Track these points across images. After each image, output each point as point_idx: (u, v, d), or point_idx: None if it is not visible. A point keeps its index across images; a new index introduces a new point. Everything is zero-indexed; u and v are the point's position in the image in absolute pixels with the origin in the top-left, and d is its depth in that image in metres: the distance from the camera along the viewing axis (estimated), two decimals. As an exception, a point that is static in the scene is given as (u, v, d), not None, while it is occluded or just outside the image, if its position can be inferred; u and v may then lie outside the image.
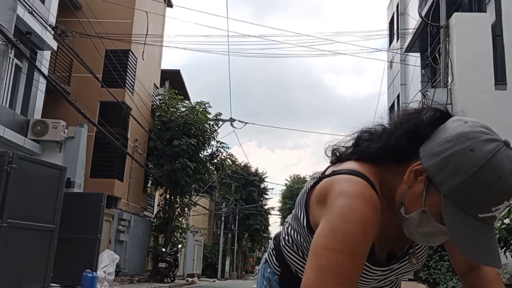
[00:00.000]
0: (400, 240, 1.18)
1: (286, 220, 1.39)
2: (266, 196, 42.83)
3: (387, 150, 1.08)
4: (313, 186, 1.15)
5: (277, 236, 1.43)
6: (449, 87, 11.87)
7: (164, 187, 22.07)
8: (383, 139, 1.10)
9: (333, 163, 1.20)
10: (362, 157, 1.12)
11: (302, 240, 1.23)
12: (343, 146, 1.20)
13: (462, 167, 0.94)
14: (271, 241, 1.49)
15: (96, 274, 11.20)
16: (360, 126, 1.19)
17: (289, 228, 1.32)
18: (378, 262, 1.14)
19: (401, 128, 1.07)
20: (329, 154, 1.23)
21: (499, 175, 0.92)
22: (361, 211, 0.99)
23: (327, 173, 1.14)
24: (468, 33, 12.18)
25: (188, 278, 23.18)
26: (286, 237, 1.33)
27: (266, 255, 1.48)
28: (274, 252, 1.41)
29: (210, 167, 23.66)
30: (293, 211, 1.30)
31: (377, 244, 1.14)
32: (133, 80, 19.61)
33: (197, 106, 22.32)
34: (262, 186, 41.80)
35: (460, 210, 0.95)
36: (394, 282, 1.34)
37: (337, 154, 1.20)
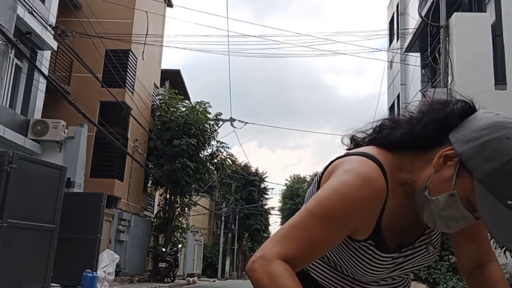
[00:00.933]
0: (410, 231, 1.18)
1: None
2: (266, 196, 42.87)
3: (412, 135, 1.09)
4: (325, 170, 1.16)
5: None
6: (449, 87, 11.87)
7: (164, 187, 22.07)
8: (410, 126, 1.11)
9: (350, 149, 1.21)
10: (382, 143, 1.13)
11: None
12: (363, 132, 1.21)
13: (499, 154, 0.97)
14: None
15: (96, 274, 11.21)
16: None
17: None
18: (386, 249, 1.14)
19: (430, 115, 1.09)
20: (346, 142, 1.25)
21: None
22: (356, 191, 1.01)
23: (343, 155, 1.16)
24: (468, 33, 12.18)
25: (189, 278, 23.19)
26: None
27: None
28: None
29: (210, 167, 23.65)
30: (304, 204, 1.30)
31: (387, 232, 1.13)
32: (133, 80, 19.61)
33: (197, 106, 22.32)
34: (262, 186, 41.81)
35: (491, 195, 0.97)
36: (406, 281, 1.31)
37: (356, 138, 1.22)
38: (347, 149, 1.22)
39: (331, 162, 1.16)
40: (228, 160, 24.83)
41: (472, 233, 1.26)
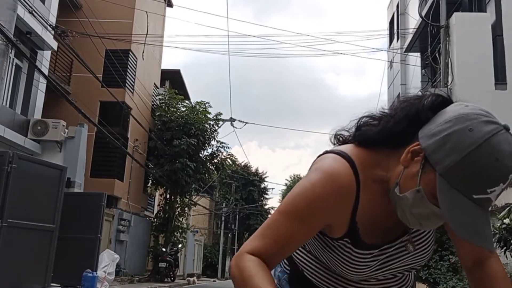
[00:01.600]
0: (394, 230, 1.18)
1: None
2: (266, 196, 42.89)
3: (385, 132, 1.10)
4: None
5: None
6: (449, 87, 11.87)
7: (164, 187, 22.07)
8: (382, 123, 1.11)
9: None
10: (359, 141, 1.15)
11: None
12: (346, 130, 1.22)
13: (460, 146, 0.94)
14: None
15: (96, 274, 11.21)
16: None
17: None
18: (364, 246, 1.14)
19: (402, 111, 1.09)
20: (333, 140, 1.26)
21: (496, 156, 0.92)
22: (319, 188, 1.06)
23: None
24: (468, 33, 12.18)
25: (189, 278, 23.20)
26: None
27: None
28: None
29: (210, 167, 23.65)
30: None
31: (367, 230, 1.14)
32: (133, 80, 19.61)
33: (197, 106, 22.32)
34: (262, 186, 41.82)
35: (454, 189, 0.95)
36: (403, 279, 1.30)
37: (340, 139, 1.23)
38: (334, 145, 1.25)
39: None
40: (228, 160, 24.83)
41: None
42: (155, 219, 22.34)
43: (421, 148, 1.01)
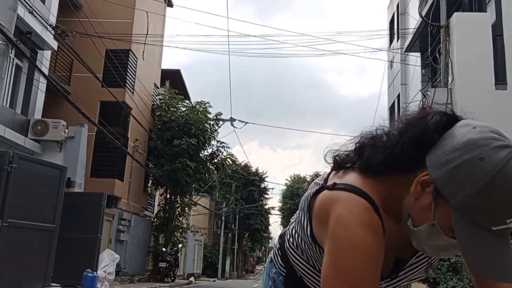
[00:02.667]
0: (408, 246, 1.13)
1: (291, 220, 1.34)
2: (267, 196, 42.89)
3: (392, 159, 1.02)
4: (315, 194, 1.12)
5: (283, 235, 1.38)
6: (449, 86, 11.86)
7: (165, 187, 22.08)
8: (388, 148, 1.04)
9: (334, 169, 1.16)
10: (365, 168, 1.07)
11: (306, 247, 1.20)
12: (344, 153, 1.15)
13: (473, 178, 0.89)
14: (277, 240, 1.45)
15: (96, 273, 11.20)
16: (361, 129, 1.14)
17: (293, 231, 1.27)
18: (382, 276, 1.10)
19: (407, 135, 1.02)
20: (329, 159, 1.18)
21: None
22: (362, 240, 0.96)
23: (329, 183, 1.10)
24: (468, 32, 12.17)
25: (191, 279, 23.24)
26: (291, 239, 1.29)
27: (271, 254, 1.43)
28: (279, 252, 1.37)
29: (211, 166, 23.65)
30: (296, 214, 1.27)
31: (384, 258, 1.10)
32: (133, 80, 19.61)
33: (198, 106, 22.33)
34: (263, 185, 41.82)
35: (472, 223, 0.90)
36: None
37: (338, 160, 1.15)
38: (332, 169, 1.17)
39: (320, 188, 1.11)
40: (228, 160, 24.84)
41: None
42: (155, 219, 22.34)
43: (431, 179, 0.95)
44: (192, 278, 23.90)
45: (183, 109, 22.26)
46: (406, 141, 1.01)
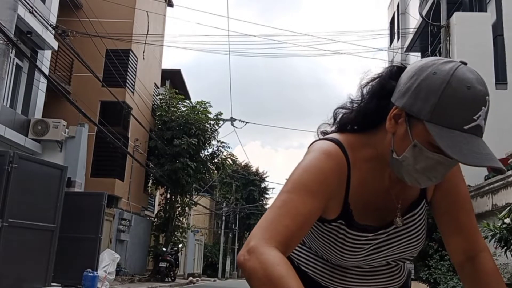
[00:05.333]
0: (386, 214, 1.20)
1: None
2: (267, 196, 42.89)
3: (361, 115, 1.16)
4: None
5: None
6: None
7: (165, 187, 22.08)
8: (355, 107, 1.19)
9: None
10: (341, 128, 1.21)
11: None
12: (328, 124, 1.28)
13: (432, 89, 1.01)
14: None
15: (96, 273, 11.21)
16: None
17: None
18: (358, 228, 1.18)
19: (367, 92, 1.17)
20: (320, 136, 1.30)
21: (467, 85, 0.99)
22: (318, 161, 1.10)
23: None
24: (468, 32, 12.17)
25: (192, 279, 23.25)
26: None
27: None
28: None
29: (211, 166, 23.65)
30: None
31: (359, 212, 1.17)
32: (133, 80, 19.61)
33: (198, 106, 22.34)
34: (263, 185, 41.83)
35: (445, 128, 1.00)
36: (396, 269, 1.31)
37: (324, 133, 1.28)
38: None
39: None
40: (229, 159, 24.83)
41: (458, 224, 1.25)
42: (156, 219, 22.34)
43: (400, 108, 1.07)
44: (194, 278, 23.93)
45: (184, 109, 22.26)
46: (369, 97, 1.16)
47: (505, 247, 5.86)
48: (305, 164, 1.11)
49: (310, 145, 1.21)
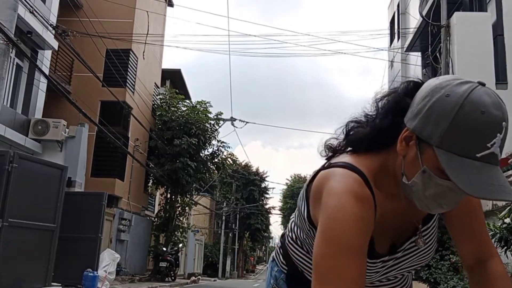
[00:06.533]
0: (403, 230, 1.18)
1: (291, 217, 1.38)
2: (267, 196, 42.90)
3: (376, 132, 1.10)
4: (312, 179, 1.16)
5: (284, 234, 1.42)
6: (450, 86, 11.85)
7: (165, 187, 22.08)
8: (370, 124, 1.12)
9: (328, 156, 1.22)
10: (355, 147, 1.14)
11: (304, 236, 1.23)
12: (335, 138, 1.22)
13: (444, 113, 0.94)
14: (278, 239, 1.49)
15: (97, 273, 11.21)
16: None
17: (293, 224, 1.32)
18: (376, 255, 1.14)
19: (383, 107, 1.11)
20: (323, 152, 1.24)
21: (482, 109, 0.92)
22: (350, 208, 1.00)
23: (326, 166, 1.15)
24: (469, 32, 12.16)
25: (195, 278, 23.25)
26: (290, 234, 1.33)
27: (273, 253, 1.46)
28: (281, 250, 1.40)
29: (211, 166, 23.66)
30: (297, 207, 1.30)
31: (377, 236, 1.13)
32: (134, 80, 19.61)
33: (198, 106, 22.34)
34: (263, 185, 41.82)
35: (456, 155, 0.93)
36: (402, 279, 1.32)
37: (331, 147, 1.22)
38: (326, 158, 1.22)
39: (315, 173, 1.15)
40: (229, 159, 24.83)
41: (471, 233, 1.25)
42: (156, 219, 22.35)
43: (411, 130, 1.01)
44: (195, 278, 23.94)
45: (184, 108, 22.27)
46: (383, 113, 1.10)
47: (505, 247, 5.86)
48: (338, 215, 0.99)
49: (324, 168, 1.13)
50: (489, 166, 0.93)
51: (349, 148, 1.17)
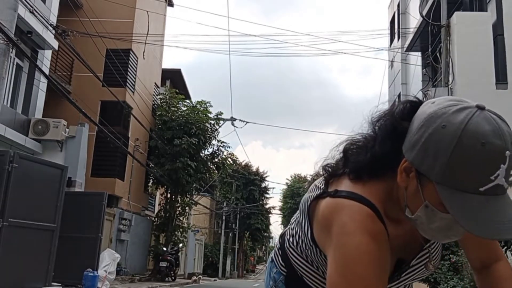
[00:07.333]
0: (410, 245, 1.16)
1: (291, 220, 1.35)
2: (267, 195, 42.88)
3: (377, 159, 1.04)
4: (316, 198, 1.13)
5: (283, 234, 1.39)
6: (450, 86, 11.85)
7: (165, 186, 22.08)
8: (369, 150, 1.06)
9: (327, 179, 1.15)
10: (357, 172, 1.08)
11: (306, 248, 1.21)
12: (332, 162, 1.16)
13: (441, 147, 0.88)
14: (277, 240, 1.45)
15: (97, 273, 11.22)
16: (343, 138, 1.16)
17: (294, 231, 1.28)
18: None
19: (380, 132, 1.05)
20: (323, 173, 1.18)
21: (482, 141, 0.86)
22: (367, 246, 0.96)
23: (330, 189, 1.11)
24: (469, 32, 12.16)
25: (195, 277, 23.25)
26: (291, 239, 1.29)
27: (272, 254, 1.44)
28: (280, 251, 1.37)
29: (211, 166, 23.66)
30: (296, 214, 1.28)
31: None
32: (134, 80, 19.61)
33: (198, 106, 22.35)
34: (263, 185, 41.81)
35: (457, 190, 0.88)
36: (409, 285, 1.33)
37: (329, 170, 1.16)
38: (325, 178, 1.16)
39: (321, 194, 1.11)
40: (229, 159, 24.83)
41: (480, 240, 1.24)
42: (156, 219, 22.35)
43: (409, 162, 0.95)
44: (196, 277, 23.94)
45: (184, 108, 22.27)
46: (381, 139, 1.04)
47: (505, 247, 5.86)
48: (355, 255, 0.96)
49: (333, 195, 1.07)
50: (495, 198, 0.88)
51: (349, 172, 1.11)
